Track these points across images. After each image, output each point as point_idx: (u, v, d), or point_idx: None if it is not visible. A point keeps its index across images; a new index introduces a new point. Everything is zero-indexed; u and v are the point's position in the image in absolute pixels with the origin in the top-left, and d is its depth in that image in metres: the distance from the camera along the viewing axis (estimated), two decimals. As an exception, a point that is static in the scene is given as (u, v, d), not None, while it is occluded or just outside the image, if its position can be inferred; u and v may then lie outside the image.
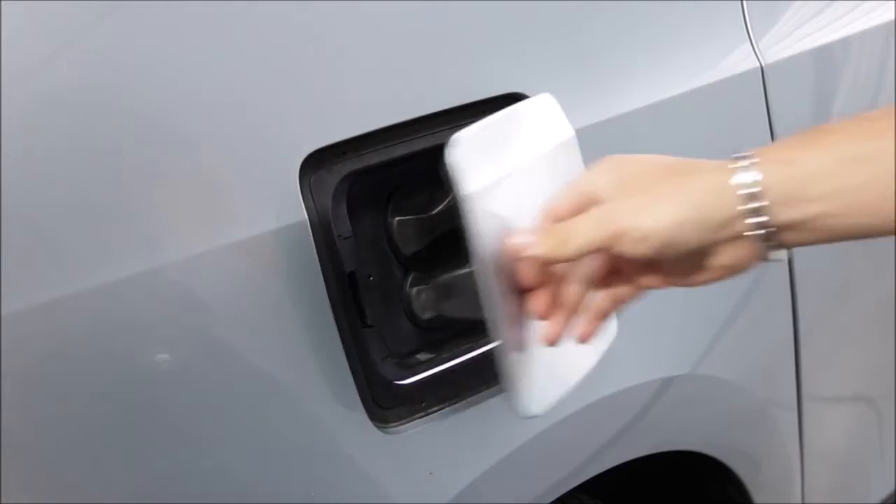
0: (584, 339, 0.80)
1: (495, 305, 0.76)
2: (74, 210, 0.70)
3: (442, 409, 0.90)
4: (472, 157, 0.75)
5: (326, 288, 0.80)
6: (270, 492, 0.79)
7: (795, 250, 1.19)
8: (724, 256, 0.74)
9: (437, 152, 0.74)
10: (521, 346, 0.80)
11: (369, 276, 0.86)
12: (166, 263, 0.73)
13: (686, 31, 1.08)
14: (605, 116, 0.98)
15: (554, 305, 0.78)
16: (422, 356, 0.91)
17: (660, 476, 1.26)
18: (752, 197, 0.70)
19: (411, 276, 0.92)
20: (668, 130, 1.04)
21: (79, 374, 0.70)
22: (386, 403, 0.86)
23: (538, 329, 0.79)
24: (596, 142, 0.97)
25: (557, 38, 0.98)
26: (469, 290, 0.82)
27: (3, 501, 0.67)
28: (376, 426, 0.85)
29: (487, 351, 0.89)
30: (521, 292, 0.79)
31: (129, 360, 0.72)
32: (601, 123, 0.97)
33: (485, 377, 0.90)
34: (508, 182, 0.77)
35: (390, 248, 0.91)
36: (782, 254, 0.74)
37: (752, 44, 1.13)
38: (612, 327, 0.90)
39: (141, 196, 0.73)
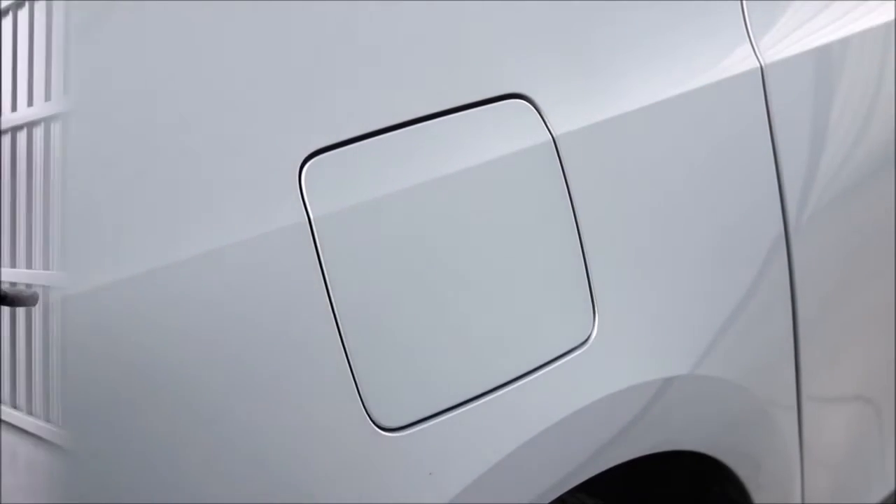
0: None
1: None
2: (72, 210, 0.70)
3: (442, 409, 0.90)
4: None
5: (327, 288, 0.80)
6: (270, 492, 0.79)
7: (795, 250, 1.19)
8: None
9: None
10: None
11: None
12: (165, 264, 0.73)
13: (685, 31, 1.08)
14: (602, 117, 0.97)
15: None
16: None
17: (660, 476, 1.26)
18: None
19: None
20: (667, 131, 1.04)
21: (78, 375, 0.70)
22: (386, 403, 0.86)
23: None
24: (593, 144, 0.97)
25: (554, 37, 0.98)
26: None
27: (2, 501, 0.67)
28: (376, 426, 0.85)
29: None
30: None
31: (127, 360, 0.72)
32: (598, 124, 0.97)
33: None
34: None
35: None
36: None
37: (751, 44, 1.13)
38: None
39: (140, 196, 0.73)
